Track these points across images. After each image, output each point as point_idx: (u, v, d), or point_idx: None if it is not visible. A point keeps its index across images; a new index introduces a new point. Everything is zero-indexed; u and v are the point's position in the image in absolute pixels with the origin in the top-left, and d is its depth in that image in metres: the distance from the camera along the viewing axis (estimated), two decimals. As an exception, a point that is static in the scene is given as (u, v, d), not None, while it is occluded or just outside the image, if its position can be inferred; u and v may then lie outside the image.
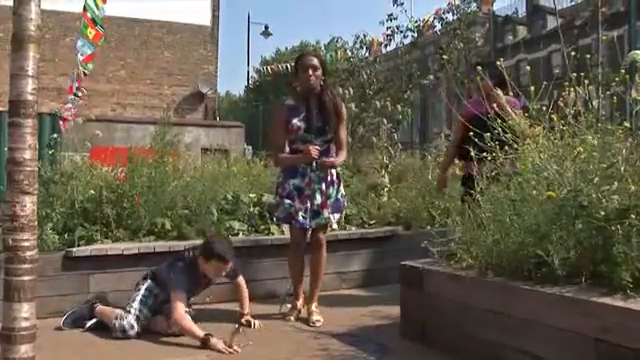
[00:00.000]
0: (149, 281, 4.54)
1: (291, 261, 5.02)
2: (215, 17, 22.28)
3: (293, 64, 5.00)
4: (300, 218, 4.72)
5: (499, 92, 4.93)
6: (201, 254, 4.45)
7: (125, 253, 5.11)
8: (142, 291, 4.48)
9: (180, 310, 4.20)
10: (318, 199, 4.71)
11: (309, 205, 4.71)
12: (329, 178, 4.78)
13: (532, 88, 3.63)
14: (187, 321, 4.18)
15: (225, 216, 6.07)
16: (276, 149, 4.83)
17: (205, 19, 21.93)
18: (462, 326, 3.67)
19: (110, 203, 5.57)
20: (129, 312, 4.37)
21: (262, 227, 6.08)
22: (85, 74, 8.97)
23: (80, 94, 10.13)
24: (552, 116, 3.63)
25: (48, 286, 4.78)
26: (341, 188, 4.90)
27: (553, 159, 3.48)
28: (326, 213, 4.75)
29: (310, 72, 4.72)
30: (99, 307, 4.61)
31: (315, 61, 4.77)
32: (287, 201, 4.74)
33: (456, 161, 5.68)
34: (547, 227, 3.28)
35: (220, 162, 8.95)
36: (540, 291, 3.13)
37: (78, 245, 5.14)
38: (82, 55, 8.50)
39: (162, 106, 19.41)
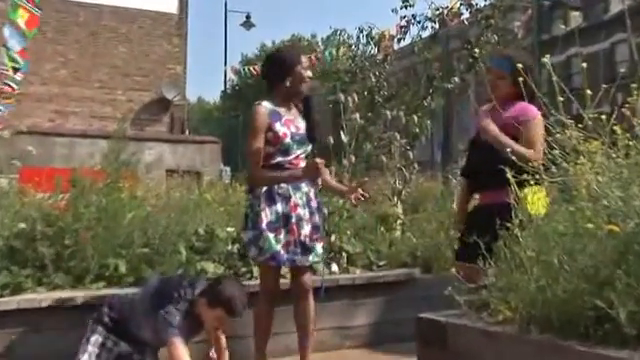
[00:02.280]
0: (100, 330, 4.42)
1: (262, 313, 5.01)
2: (183, 2, 22.36)
3: (272, 60, 5.09)
4: (287, 254, 4.70)
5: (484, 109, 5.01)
6: (205, 296, 4.34)
7: (66, 305, 5.05)
8: (90, 348, 4.37)
9: None
10: (306, 229, 4.72)
11: (297, 236, 4.71)
12: (313, 204, 4.87)
13: (588, 91, 3.62)
14: None
15: (196, 256, 6.06)
16: (257, 163, 4.82)
17: (171, 5, 21.98)
18: (499, 397, 3.63)
19: (46, 240, 5.54)
20: None
21: (243, 269, 6.06)
22: (16, 69, 8.85)
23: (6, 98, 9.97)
24: (614, 127, 3.62)
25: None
26: (323, 219, 5.01)
27: (615, 183, 3.46)
28: (319, 248, 4.77)
29: (308, 72, 4.91)
30: None
31: (307, 61, 5.01)
32: (270, 235, 4.71)
33: None
34: (609, 270, 3.25)
35: (190, 187, 8.93)
36: (602, 354, 3.09)
37: (1, 295, 5.08)
38: (12, 49, 8.42)
39: (115, 116, 19.37)
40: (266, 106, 4.89)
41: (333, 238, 6.78)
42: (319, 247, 4.78)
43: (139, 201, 6.57)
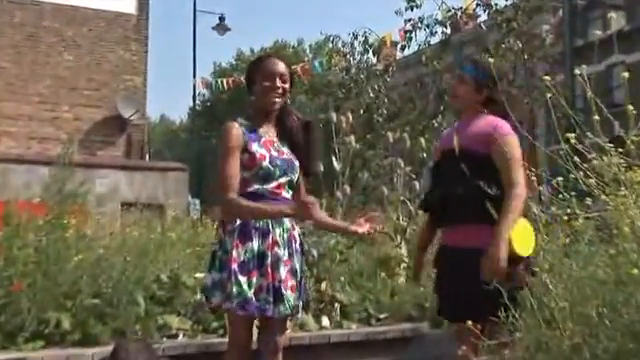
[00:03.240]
0: None
1: None
2: (144, 1, 22.29)
3: (247, 71, 5.10)
4: (258, 302, 4.67)
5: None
6: None
7: (-6, 370, 5.03)
8: None
9: None
10: (282, 272, 4.69)
11: (271, 280, 4.68)
12: (294, 244, 4.82)
13: (630, 108, 3.63)
14: None
15: (158, 307, 6.03)
16: (232, 190, 4.76)
17: (128, 4, 21.88)
18: None
19: (-29, 289, 5.51)
20: None
21: (214, 324, 6.03)
22: None
23: None
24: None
25: None
26: (303, 263, 4.98)
27: (665, 219, 3.47)
28: (293, 298, 4.73)
29: (278, 82, 4.82)
30: None
31: (283, 68, 4.90)
32: (242, 278, 4.68)
33: None
34: (658, 326, 3.25)
35: (151, 224, 8.92)
36: None
37: None
38: None
39: (59, 137, 19.25)
40: (241, 123, 4.86)
41: (324, 286, 6.77)
42: (292, 296, 4.73)
43: (88, 241, 6.55)
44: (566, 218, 4.00)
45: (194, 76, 31.26)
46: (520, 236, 4.38)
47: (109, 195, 15.11)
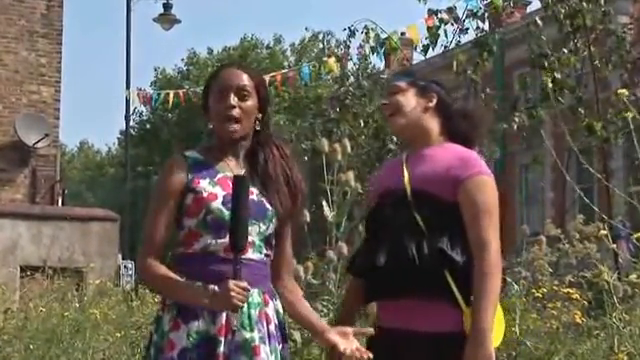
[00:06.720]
0: None
1: None
2: (56, -16, 22.31)
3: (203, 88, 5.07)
4: None
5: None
6: None
7: None
8: None
9: None
10: None
11: None
12: (264, 325, 4.66)
13: None
14: None
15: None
16: (150, 251, 4.70)
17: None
18: None
19: None
20: None
21: None
22: None
23: None
24: None
25: None
26: (286, 354, 4.85)
27: None
28: None
29: (232, 99, 4.76)
30: None
31: (244, 79, 4.83)
32: None
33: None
34: None
35: (65, 297, 8.92)
36: None
37: None
38: None
39: None
40: (190, 156, 4.82)
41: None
42: None
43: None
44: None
45: (127, 87, 30.98)
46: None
47: (4, 256, 15.12)
